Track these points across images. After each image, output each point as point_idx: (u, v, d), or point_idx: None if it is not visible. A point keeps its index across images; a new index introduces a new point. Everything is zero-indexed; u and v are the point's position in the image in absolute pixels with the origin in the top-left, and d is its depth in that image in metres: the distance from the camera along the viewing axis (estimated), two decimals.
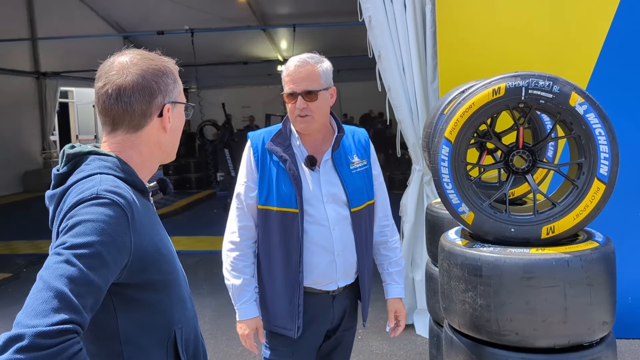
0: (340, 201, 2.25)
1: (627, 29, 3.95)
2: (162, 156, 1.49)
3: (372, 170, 2.37)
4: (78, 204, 1.25)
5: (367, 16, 4.31)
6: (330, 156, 2.27)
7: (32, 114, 14.98)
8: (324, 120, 2.26)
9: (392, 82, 4.35)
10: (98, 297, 1.20)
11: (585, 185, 2.06)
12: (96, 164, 1.35)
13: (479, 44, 4.11)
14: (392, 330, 2.46)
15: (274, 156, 2.24)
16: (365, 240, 2.32)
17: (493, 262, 2.02)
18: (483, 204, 2.16)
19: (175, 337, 1.41)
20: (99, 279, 1.18)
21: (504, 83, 2.07)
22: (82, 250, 1.18)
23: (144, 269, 1.31)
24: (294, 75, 2.19)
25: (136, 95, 1.37)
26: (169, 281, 1.40)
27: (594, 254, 2.01)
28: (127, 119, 1.39)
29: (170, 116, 1.44)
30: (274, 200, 2.22)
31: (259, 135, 2.31)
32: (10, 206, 11.92)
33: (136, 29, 15.35)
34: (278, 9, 15.13)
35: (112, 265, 1.22)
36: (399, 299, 2.44)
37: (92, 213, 1.22)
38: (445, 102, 2.84)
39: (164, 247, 1.40)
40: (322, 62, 2.23)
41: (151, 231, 1.36)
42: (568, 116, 2.03)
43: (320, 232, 2.21)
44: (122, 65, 1.39)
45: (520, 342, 2.01)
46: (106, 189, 1.26)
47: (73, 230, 1.21)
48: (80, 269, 1.16)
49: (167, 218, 10.07)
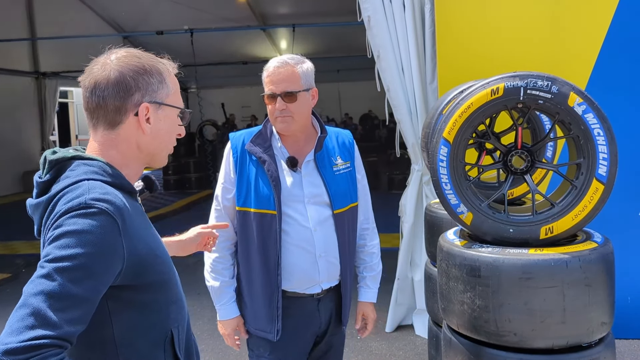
0: (323, 202, 2.24)
1: (626, 30, 3.95)
2: (144, 158, 1.44)
3: (356, 174, 2.35)
4: (65, 213, 1.23)
5: (366, 16, 4.31)
6: (312, 157, 2.25)
7: (31, 114, 14.98)
8: (305, 122, 2.25)
9: (391, 82, 4.35)
10: (86, 308, 1.20)
11: (584, 186, 2.06)
12: (82, 169, 1.32)
13: (478, 44, 4.10)
14: (359, 331, 2.49)
15: (253, 157, 2.23)
16: (348, 243, 2.31)
17: (492, 262, 2.01)
18: (482, 204, 2.15)
19: (172, 336, 1.41)
20: (84, 291, 1.18)
21: (502, 83, 2.07)
22: (65, 263, 1.18)
23: (140, 272, 1.31)
24: (274, 76, 2.18)
25: (109, 90, 1.35)
26: (165, 281, 1.40)
27: (592, 255, 2.01)
28: (101, 114, 1.37)
29: (152, 117, 1.39)
30: (252, 202, 2.21)
31: (240, 136, 2.30)
32: (10, 206, 11.93)
33: (136, 28, 15.34)
34: (278, 9, 15.12)
35: (102, 275, 1.22)
36: (370, 303, 2.45)
37: (79, 224, 1.21)
38: (444, 102, 2.83)
39: (157, 248, 1.39)
40: (303, 63, 2.23)
41: (144, 233, 1.35)
42: (567, 116, 2.03)
43: (301, 234, 2.20)
44: (106, 60, 1.38)
45: (519, 342, 2.01)
46: (94, 197, 1.24)
47: (58, 241, 1.20)
48: (61, 283, 1.16)
49: (167, 218, 10.07)
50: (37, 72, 15.03)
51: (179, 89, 1.50)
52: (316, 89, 2.29)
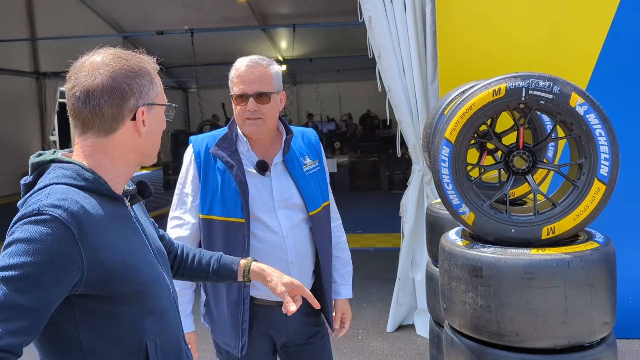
0: (295, 206, 2.17)
1: (627, 30, 3.95)
2: (139, 159, 1.41)
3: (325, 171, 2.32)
4: (19, 219, 1.21)
5: (367, 16, 4.31)
6: (281, 159, 2.18)
7: (31, 114, 14.99)
8: (274, 125, 2.19)
9: (392, 82, 4.35)
10: (33, 319, 1.15)
11: (585, 186, 2.06)
12: (56, 172, 1.29)
13: (479, 45, 4.11)
14: (337, 331, 2.41)
15: (218, 162, 2.14)
16: (325, 243, 2.27)
17: (493, 262, 2.02)
18: (483, 204, 2.16)
19: (147, 348, 1.34)
20: (30, 301, 1.14)
21: (504, 84, 2.07)
22: (10, 272, 1.14)
23: (106, 282, 1.25)
24: (245, 76, 2.11)
25: (105, 98, 1.29)
26: (140, 292, 1.33)
27: (594, 255, 2.01)
28: (97, 123, 1.31)
29: (146, 119, 1.36)
30: (218, 210, 2.11)
31: (202, 139, 2.21)
32: (9, 207, 11.91)
33: (136, 29, 15.36)
34: (278, 9, 15.14)
35: (52, 286, 1.17)
36: (347, 300, 2.42)
37: (29, 231, 1.17)
38: (445, 103, 2.84)
39: (132, 258, 1.32)
40: (273, 64, 2.17)
41: (116, 241, 1.29)
42: (568, 117, 2.03)
43: (272, 241, 2.12)
44: (93, 65, 1.31)
45: (521, 342, 2.01)
46: (49, 204, 1.20)
47: (8, 249, 1.17)
48: (5, 292, 1.13)
49: (167, 218, 10.02)
50: (37, 72, 15.03)
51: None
52: (284, 92, 2.22)
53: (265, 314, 2.20)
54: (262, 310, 2.19)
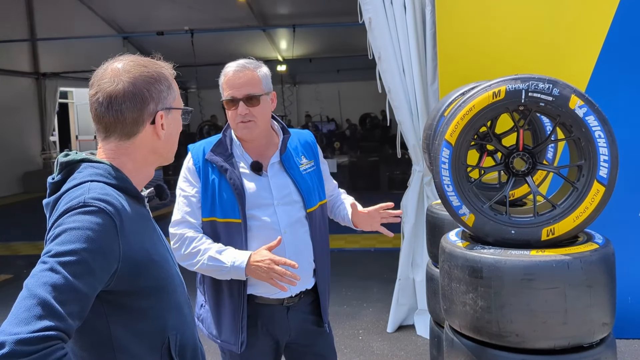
0: (294, 202, 2.23)
1: (627, 31, 3.95)
2: (158, 160, 1.49)
3: (322, 172, 2.37)
4: (66, 212, 1.26)
5: (367, 17, 4.32)
6: (278, 159, 2.24)
7: (31, 115, 14.97)
8: (266, 126, 2.24)
9: (392, 83, 4.36)
10: (84, 304, 1.21)
11: (585, 188, 2.07)
12: (88, 171, 1.36)
13: (479, 46, 4.11)
14: (392, 218, 2.38)
15: (215, 166, 2.21)
16: (321, 241, 2.30)
17: (493, 263, 2.03)
18: (483, 206, 2.17)
19: (169, 343, 1.41)
20: (84, 286, 1.19)
21: (504, 86, 2.08)
22: (66, 258, 1.19)
23: (134, 275, 1.32)
24: (234, 81, 2.16)
25: (127, 104, 1.37)
26: (162, 287, 1.40)
27: (593, 256, 2.02)
28: (119, 127, 1.39)
29: (165, 123, 1.44)
30: (218, 212, 2.18)
31: (199, 146, 2.28)
32: (10, 207, 11.93)
33: (136, 29, 15.35)
34: (278, 9, 15.13)
35: (99, 273, 1.23)
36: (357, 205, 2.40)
37: (79, 221, 1.23)
38: (445, 104, 2.85)
39: (155, 253, 1.40)
40: (261, 67, 2.22)
41: (142, 238, 1.37)
42: (568, 119, 2.04)
43: (270, 238, 2.14)
44: (114, 72, 1.39)
45: (521, 343, 2.02)
46: (94, 197, 1.27)
47: (59, 238, 1.22)
48: (65, 276, 1.17)
49: (167, 218, 10.05)
50: (37, 72, 15.02)
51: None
52: (275, 92, 2.27)
53: (266, 313, 2.23)
54: (263, 309, 2.23)
